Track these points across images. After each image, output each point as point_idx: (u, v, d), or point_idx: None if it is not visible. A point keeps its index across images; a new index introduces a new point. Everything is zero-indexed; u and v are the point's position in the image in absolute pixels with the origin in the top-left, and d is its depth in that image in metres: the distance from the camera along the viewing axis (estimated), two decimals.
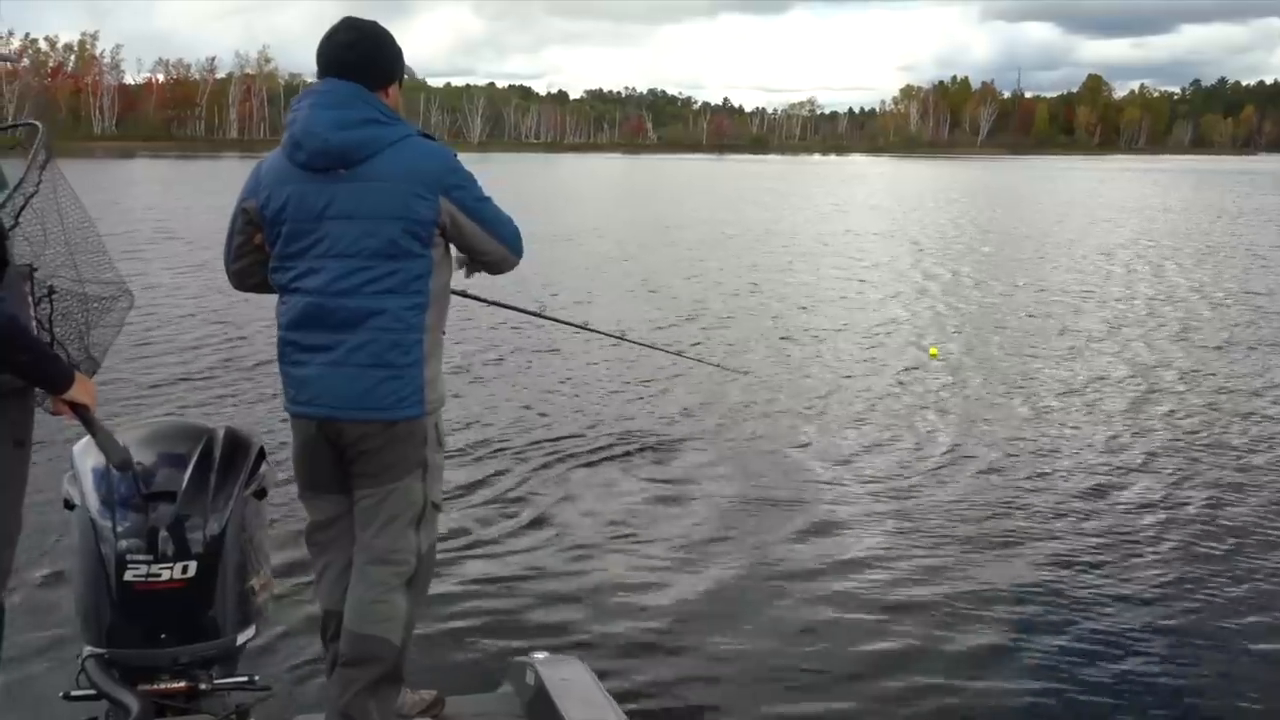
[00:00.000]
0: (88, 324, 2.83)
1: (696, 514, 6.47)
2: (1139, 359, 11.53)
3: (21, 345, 2.43)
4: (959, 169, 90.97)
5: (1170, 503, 6.84)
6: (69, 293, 2.78)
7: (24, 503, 2.69)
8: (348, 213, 2.75)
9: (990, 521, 6.43)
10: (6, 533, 2.65)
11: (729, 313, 14.33)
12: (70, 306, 2.79)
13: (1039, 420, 8.83)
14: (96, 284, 2.85)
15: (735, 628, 4.98)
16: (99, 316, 2.85)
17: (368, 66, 2.81)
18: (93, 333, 2.84)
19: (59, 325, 2.77)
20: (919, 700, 4.43)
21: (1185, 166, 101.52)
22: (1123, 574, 5.69)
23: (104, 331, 2.87)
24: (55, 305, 2.77)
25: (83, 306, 2.81)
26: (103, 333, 2.87)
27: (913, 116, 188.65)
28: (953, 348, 11.98)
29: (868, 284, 17.53)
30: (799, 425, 8.61)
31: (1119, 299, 15.90)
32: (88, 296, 2.82)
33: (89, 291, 2.82)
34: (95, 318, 2.84)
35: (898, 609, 5.23)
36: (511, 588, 5.31)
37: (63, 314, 2.78)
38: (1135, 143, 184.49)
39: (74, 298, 2.79)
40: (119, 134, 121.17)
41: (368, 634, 2.91)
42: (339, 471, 2.94)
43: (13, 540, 2.70)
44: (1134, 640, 4.97)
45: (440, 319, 2.93)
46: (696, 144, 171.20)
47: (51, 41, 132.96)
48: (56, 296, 2.76)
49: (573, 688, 3.24)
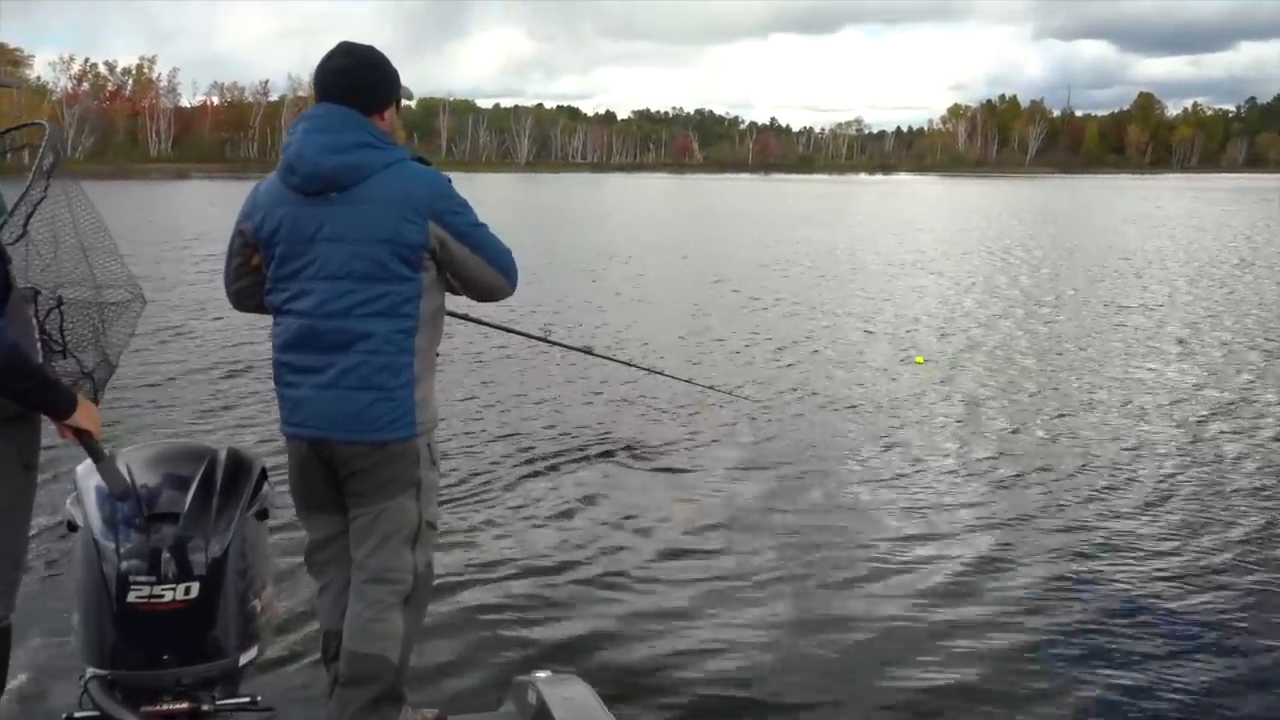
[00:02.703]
0: (102, 328, 2.86)
1: (704, 536, 6.39)
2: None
3: (22, 373, 2.44)
4: (1014, 188, 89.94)
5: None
6: (80, 300, 2.81)
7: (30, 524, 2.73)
8: (338, 235, 2.79)
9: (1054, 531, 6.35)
10: (14, 555, 2.69)
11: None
12: (81, 314, 2.82)
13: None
14: (110, 287, 2.88)
15: (742, 649, 4.91)
16: (112, 320, 2.88)
17: (362, 91, 2.84)
18: (107, 335, 2.87)
19: (70, 333, 2.80)
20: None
21: (1241, 185, 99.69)
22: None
23: (118, 334, 2.90)
24: (65, 314, 2.81)
25: (96, 312, 2.84)
26: (117, 335, 2.90)
27: (960, 135, 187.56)
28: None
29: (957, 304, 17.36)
30: (820, 451, 8.49)
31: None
32: (101, 302, 2.85)
33: (102, 297, 2.85)
34: (109, 322, 2.87)
35: (927, 637, 5.12)
36: (514, 606, 5.29)
37: (74, 322, 2.82)
38: (1187, 161, 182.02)
39: (86, 305, 2.82)
40: (175, 155, 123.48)
41: (366, 652, 2.93)
42: (334, 491, 2.96)
43: (20, 562, 2.74)
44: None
45: (432, 342, 2.95)
46: (742, 163, 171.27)
47: (110, 66, 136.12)
48: (66, 306, 2.80)
49: (575, 707, 3.23)
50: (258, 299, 3.02)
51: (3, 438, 2.54)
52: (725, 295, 17.92)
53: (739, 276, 20.56)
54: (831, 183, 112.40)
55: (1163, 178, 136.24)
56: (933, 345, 13.34)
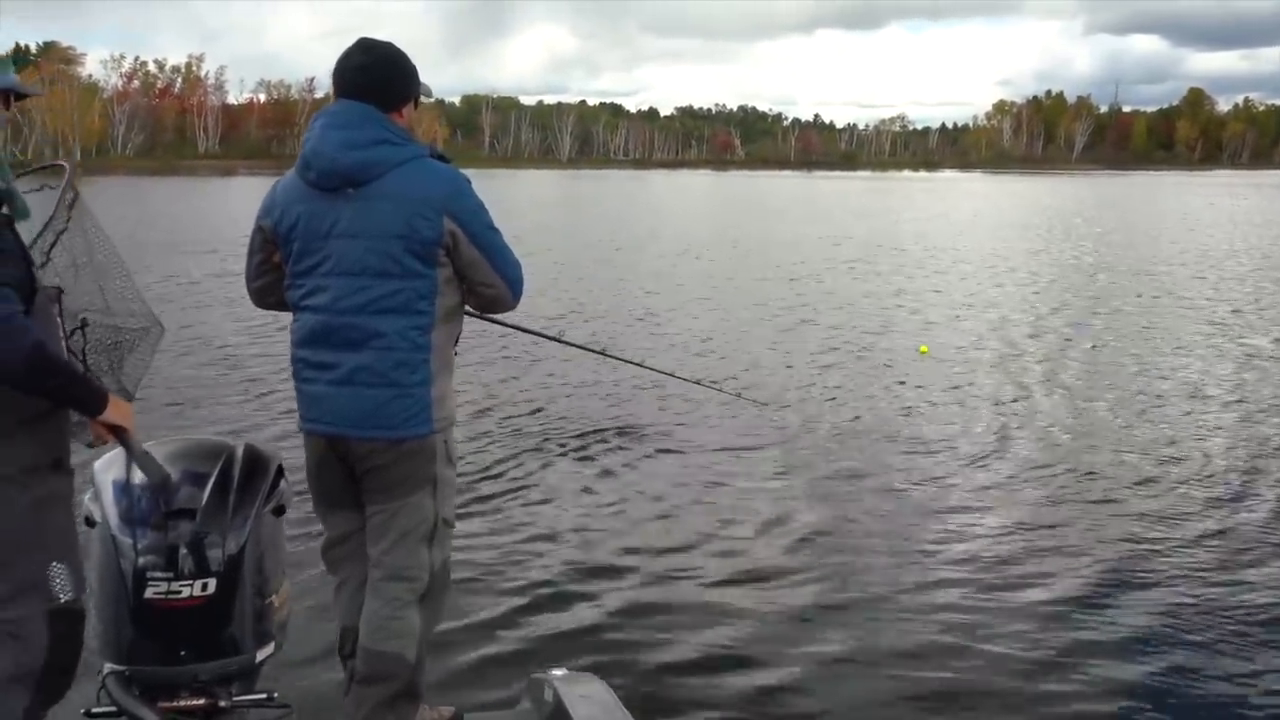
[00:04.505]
0: (121, 355, 2.88)
1: (724, 535, 6.34)
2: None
3: (49, 370, 2.43)
4: (1065, 185, 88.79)
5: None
6: (101, 324, 2.84)
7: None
8: (353, 231, 2.78)
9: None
10: (68, 540, 2.68)
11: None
12: (103, 338, 2.85)
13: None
14: (127, 316, 2.91)
15: (757, 648, 4.87)
16: (131, 348, 2.91)
17: (380, 88, 2.83)
18: (125, 363, 2.89)
19: (92, 356, 2.82)
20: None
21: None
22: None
23: (136, 363, 2.93)
24: (88, 336, 2.83)
25: (115, 337, 2.87)
26: (135, 364, 2.92)
27: (1005, 132, 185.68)
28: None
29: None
30: (851, 454, 8.42)
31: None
32: (120, 328, 2.88)
33: (120, 324, 2.88)
34: (127, 349, 2.90)
35: (952, 635, 5.05)
36: (531, 603, 5.27)
37: (95, 345, 2.84)
38: (1238, 158, 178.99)
39: (106, 329, 2.85)
40: (222, 152, 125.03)
41: (382, 650, 2.93)
42: (351, 487, 2.96)
43: (75, 545, 2.73)
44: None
45: (449, 338, 2.93)
46: (784, 160, 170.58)
47: (160, 64, 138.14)
48: (89, 329, 2.82)
49: (592, 705, 3.23)
50: (278, 296, 3.02)
51: (29, 436, 2.54)
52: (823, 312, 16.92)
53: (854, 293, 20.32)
54: (874, 179, 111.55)
55: (1213, 174, 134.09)
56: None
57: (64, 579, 2.54)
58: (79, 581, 2.61)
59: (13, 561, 2.46)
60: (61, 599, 2.52)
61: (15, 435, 2.45)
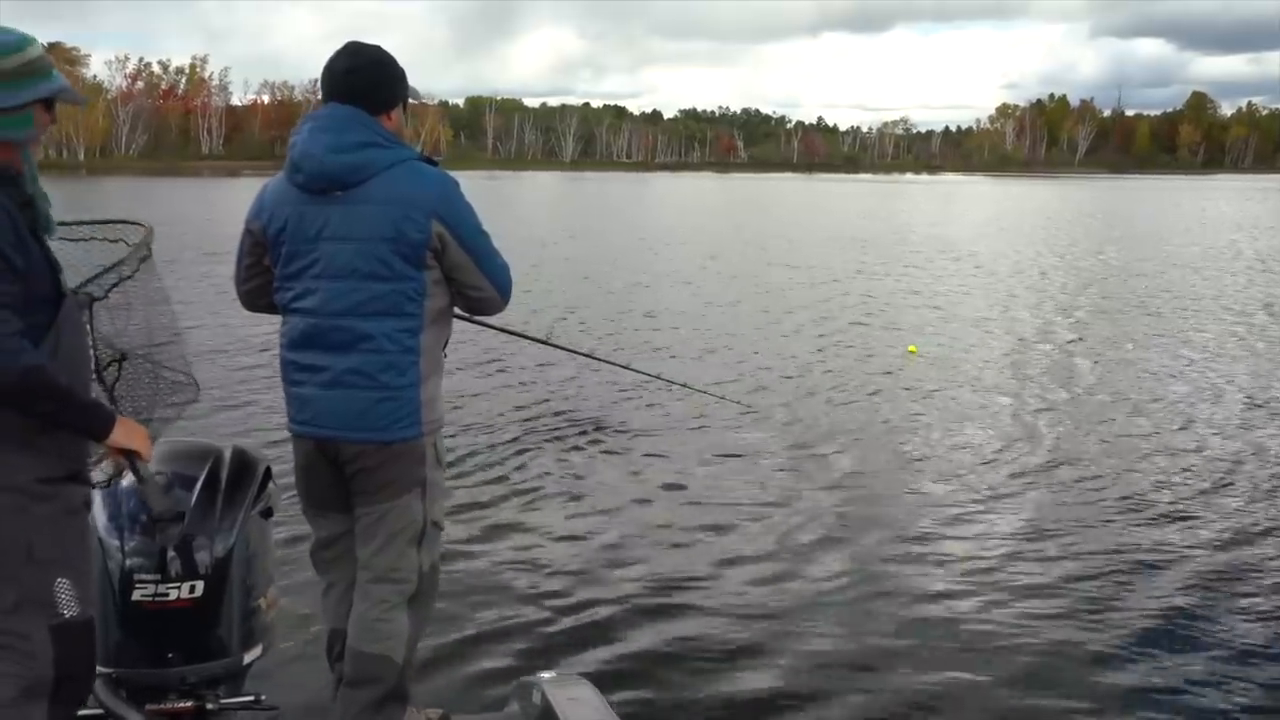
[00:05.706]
0: (154, 400, 2.87)
1: (712, 538, 6.34)
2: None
3: (43, 396, 2.36)
4: (1068, 189, 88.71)
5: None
6: (141, 364, 2.84)
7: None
8: (341, 234, 2.78)
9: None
10: (83, 552, 2.63)
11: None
12: (141, 375, 2.84)
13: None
14: (168, 369, 2.92)
15: (747, 652, 4.87)
16: (166, 395, 2.90)
17: (368, 91, 2.82)
18: (155, 412, 2.87)
19: (122, 390, 2.81)
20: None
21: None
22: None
23: (166, 412, 2.91)
24: (124, 371, 2.82)
25: (152, 378, 2.87)
26: (164, 414, 2.90)
27: (1008, 135, 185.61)
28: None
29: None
30: (840, 459, 8.38)
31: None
32: (158, 374, 2.88)
33: (159, 371, 2.89)
34: (162, 396, 2.89)
35: (939, 635, 5.05)
36: (519, 606, 5.28)
37: (130, 381, 2.83)
38: (1241, 162, 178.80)
39: (145, 369, 2.85)
40: (226, 154, 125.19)
41: (370, 652, 2.93)
42: (340, 490, 2.96)
43: (88, 555, 2.68)
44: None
45: (438, 341, 2.93)
46: (786, 163, 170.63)
47: (164, 65, 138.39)
48: (127, 363, 2.82)
49: (580, 708, 3.22)
50: (268, 299, 3.01)
51: (46, 446, 2.47)
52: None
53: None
54: (875, 182, 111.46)
55: (1216, 178, 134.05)
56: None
57: (70, 593, 2.50)
58: (87, 595, 2.56)
59: (18, 574, 2.41)
60: (66, 614, 2.47)
61: (33, 445, 2.41)
